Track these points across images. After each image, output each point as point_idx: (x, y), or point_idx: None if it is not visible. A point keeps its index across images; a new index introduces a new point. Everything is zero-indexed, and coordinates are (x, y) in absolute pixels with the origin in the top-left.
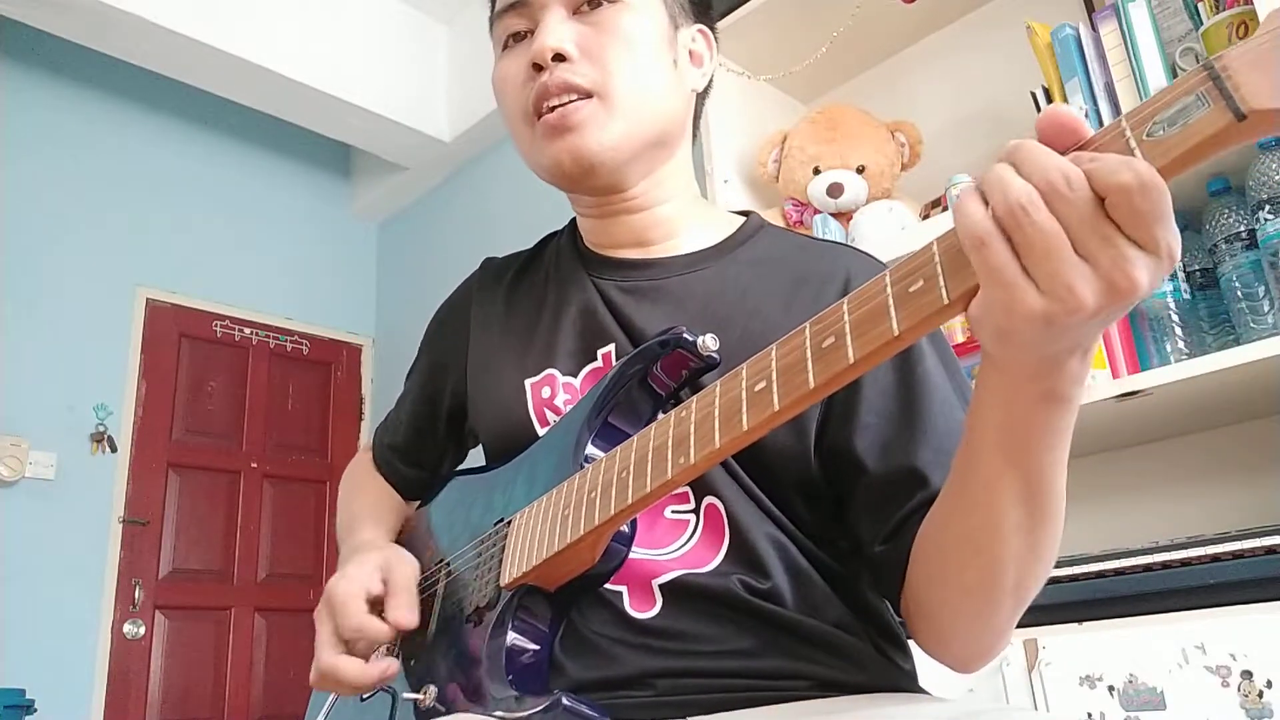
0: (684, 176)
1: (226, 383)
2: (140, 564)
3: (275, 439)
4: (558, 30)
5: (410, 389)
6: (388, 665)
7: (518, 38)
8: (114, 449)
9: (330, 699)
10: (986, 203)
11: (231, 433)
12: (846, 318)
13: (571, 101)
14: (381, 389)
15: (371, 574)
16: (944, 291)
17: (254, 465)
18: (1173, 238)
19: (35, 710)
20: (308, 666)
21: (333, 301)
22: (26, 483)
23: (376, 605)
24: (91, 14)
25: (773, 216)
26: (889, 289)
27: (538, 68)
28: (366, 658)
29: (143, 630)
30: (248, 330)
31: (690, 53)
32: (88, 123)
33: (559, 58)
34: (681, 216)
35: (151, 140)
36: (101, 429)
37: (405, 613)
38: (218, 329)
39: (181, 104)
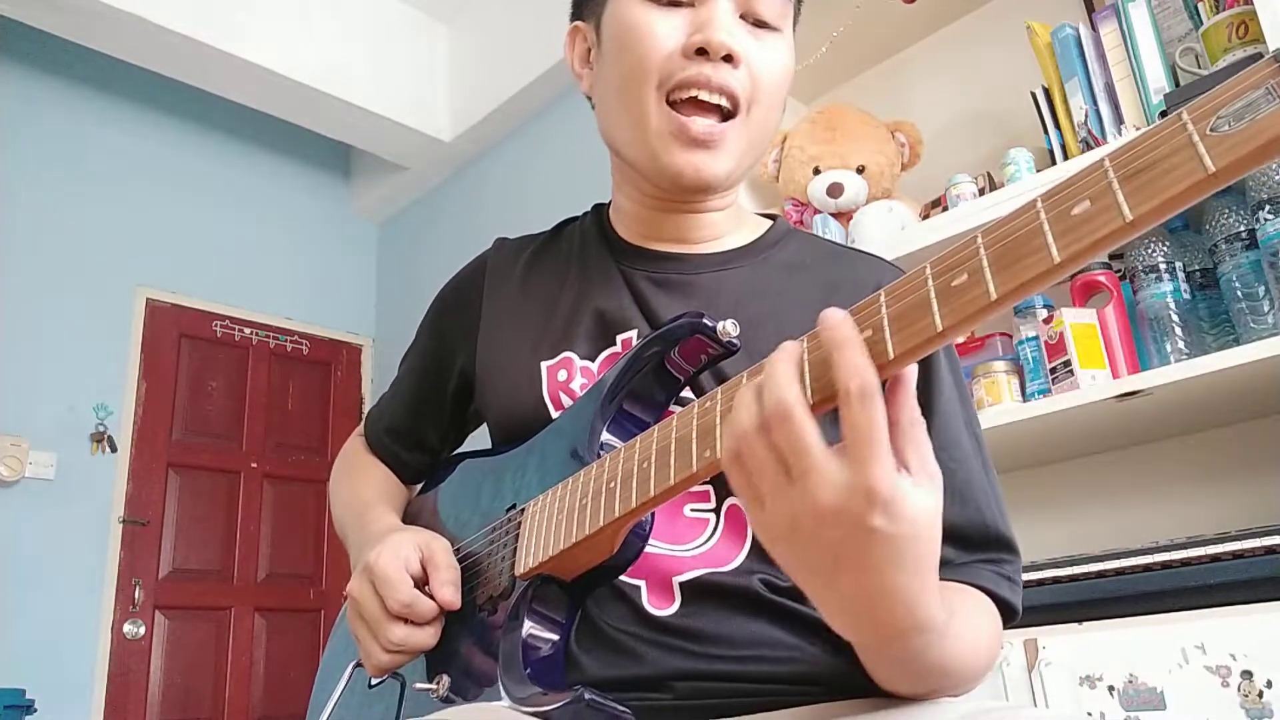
0: (737, 191)
1: (226, 383)
2: (140, 564)
3: (275, 439)
4: (736, 32)
5: (409, 370)
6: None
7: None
8: (114, 449)
9: (338, 689)
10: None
11: (231, 433)
12: (884, 310)
13: (721, 107)
14: (381, 389)
15: (411, 552)
16: (990, 287)
17: (254, 465)
18: (875, 464)
19: (35, 710)
20: (308, 666)
21: (333, 301)
22: (26, 483)
23: (417, 583)
24: (91, 14)
25: None
26: (930, 282)
27: (701, 53)
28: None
29: (143, 630)
30: (248, 330)
31: None
32: (87, 123)
33: (728, 57)
34: (723, 221)
35: (151, 140)
36: (101, 429)
37: (451, 590)
38: (218, 329)
39: (181, 104)
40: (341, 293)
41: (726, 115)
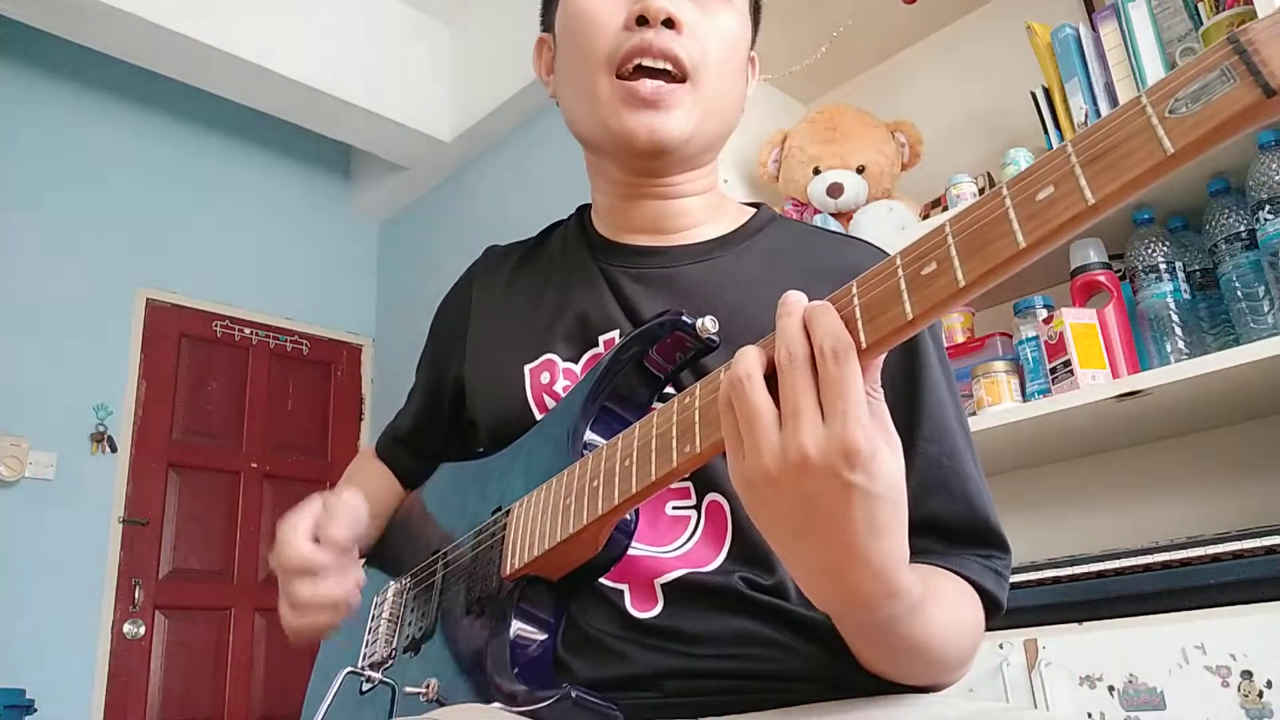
0: (714, 176)
1: (226, 383)
2: (140, 564)
3: (275, 439)
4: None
5: (418, 380)
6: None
7: None
8: (114, 449)
9: (329, 697)
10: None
11: (231, 433)
12: (856, 301)
13: (666, 72)
14: (381, 389)
15: (306, 511)
16: (959, 274)
17: (254, 465)
18: (852, 420)
19: (35, 710)
20: (308, 666)
21: (333, 301)
22: (26, 483)
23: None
24: (90, 13)
25: None
26: (900, 272)
27: (643, 22)
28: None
29: (143, 630)
30: (248, 330)
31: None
32: (87, 123)
33: (669, 23)
34: (701, 209)
35: (151, 140)
36: (101, 429)
37: (336, 528)
38: (218, 329)
39: (181, 104)
40: (342, 293)
41: (676, 81)
